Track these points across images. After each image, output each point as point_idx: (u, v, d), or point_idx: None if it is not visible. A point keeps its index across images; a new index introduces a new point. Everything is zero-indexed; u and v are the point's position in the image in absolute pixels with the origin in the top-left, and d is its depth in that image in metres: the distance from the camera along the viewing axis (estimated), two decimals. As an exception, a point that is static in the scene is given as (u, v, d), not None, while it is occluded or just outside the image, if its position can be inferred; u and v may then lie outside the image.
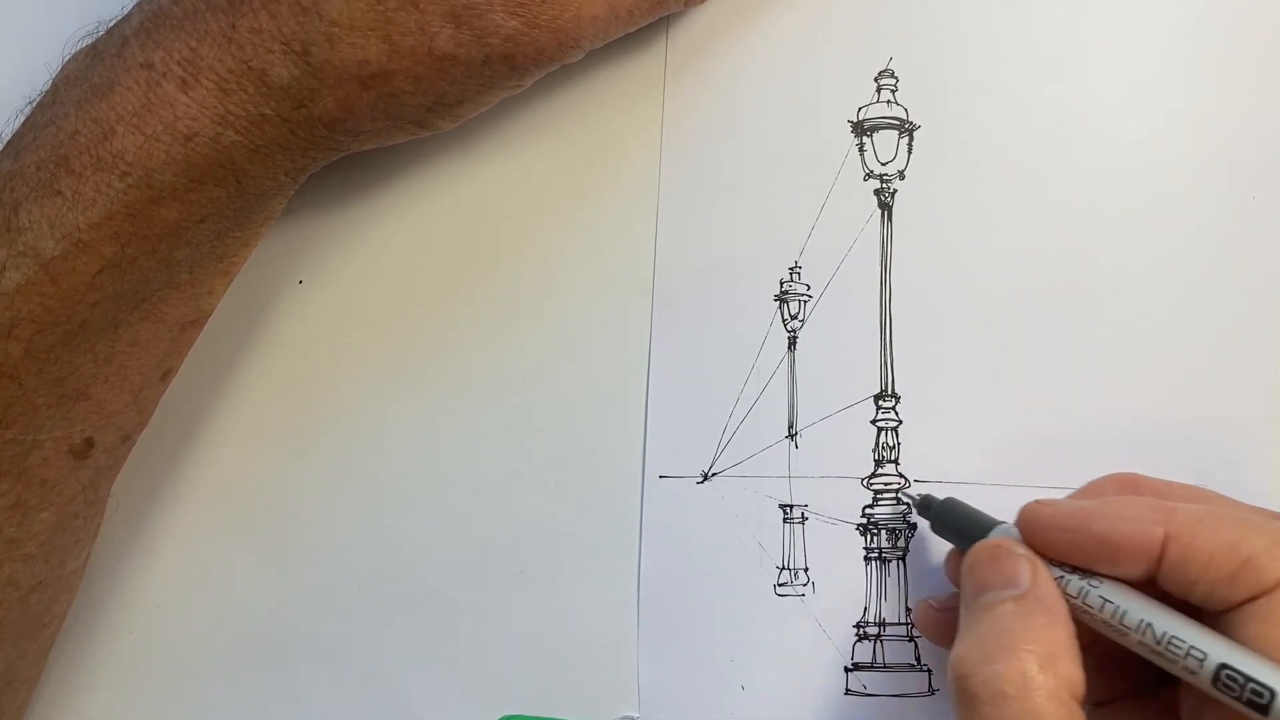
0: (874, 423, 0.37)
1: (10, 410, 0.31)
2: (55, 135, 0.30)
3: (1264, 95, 0.37)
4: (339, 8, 0.30)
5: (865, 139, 0.37)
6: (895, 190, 0.37)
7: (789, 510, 0.37)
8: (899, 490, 0.37)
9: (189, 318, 0.34)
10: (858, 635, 0.37)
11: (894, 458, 0.37)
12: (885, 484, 0.37)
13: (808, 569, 0.37)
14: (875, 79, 0.37)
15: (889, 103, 0.37)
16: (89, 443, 0.33)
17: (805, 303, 0.37)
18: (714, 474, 0.37)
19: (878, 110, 0.37)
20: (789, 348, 0.37)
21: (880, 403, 0.37)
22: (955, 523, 0.34)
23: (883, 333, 0.37)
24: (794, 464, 0.37)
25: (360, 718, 0.38)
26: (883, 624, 0.37)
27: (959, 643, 0.29)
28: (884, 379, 0.37)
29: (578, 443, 0.38)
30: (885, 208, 0.37)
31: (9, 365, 0.30)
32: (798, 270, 0.37)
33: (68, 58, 0.33)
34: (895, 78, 0.37)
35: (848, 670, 0.37)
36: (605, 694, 0.37)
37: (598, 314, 0.38)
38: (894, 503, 0.37)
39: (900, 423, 0.37)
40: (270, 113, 0.31)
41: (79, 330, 0.31)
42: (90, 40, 0.32)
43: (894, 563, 0.37)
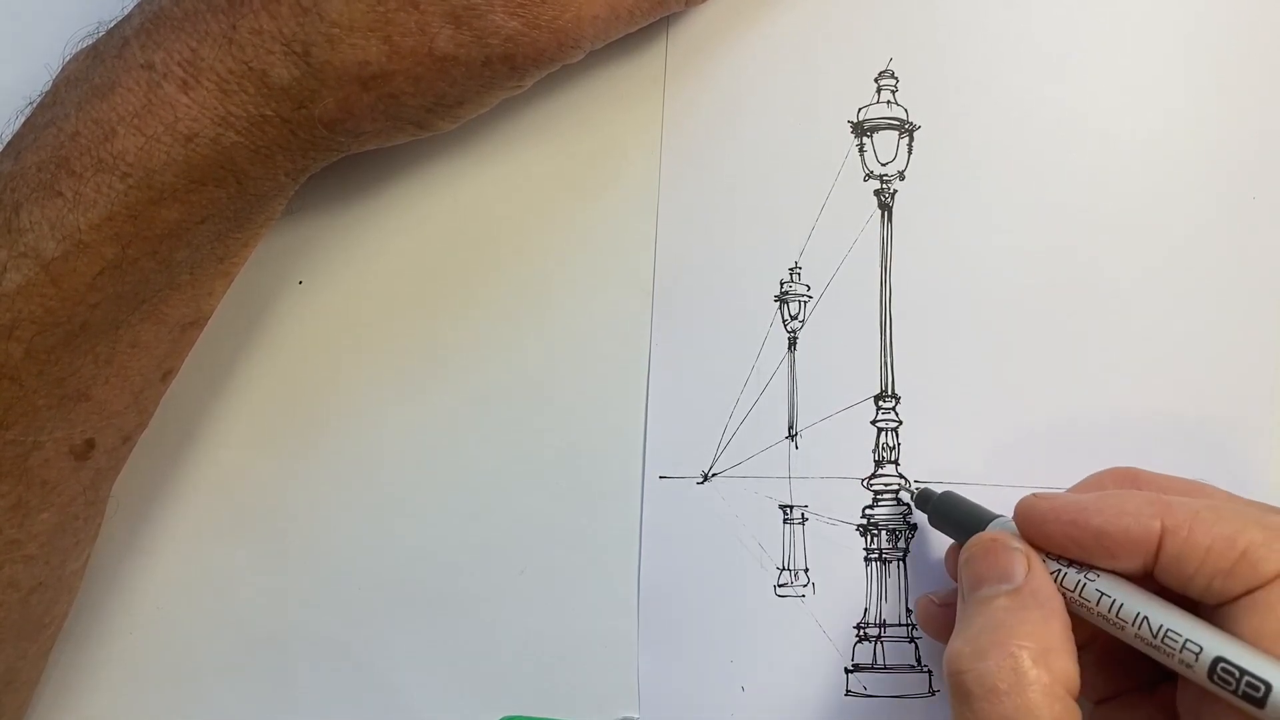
0: (874, 423, 0.37)
1: (11, 411, 0.31)
2: (56, 136, 0.30)
3: (1264, 95, 0.37)
4: (339, 9, 0.30)
5: (865, 139, 0.37)
6: (895, 191, 0.37)
7: (789, 511, 0.37)
8: (899, 489, 0.37)
9: (189, 318, 0.34)
10: (858, 636, 0.37)
11: (894, 458, 0.37)
12: (885, 485, 0.37)
13: (808, 570, 0.37)
14: (875, 79, 0.37)
15: (889, 103, 0.37)
16: (90, 444, 0.33)
17: (805, 303, 0.37)
18: (714, 474, 0.37)
19: (878, 111, 0.37)
20: (789, 348, 0.37)
21: (880, 403, 0.37)
22: (953, 516, 0.34)
23: (883, 333, 0.37)
24: (794, 464, 0.37)
25: (360, 718, 0.38)
26: (883, 625, 0.37)
27: (954, 638, 0.29)
28: (884, 379, 0.37)
29: (578, 443, 0.38)
30: (885, 208, 0.37)
31: (10, 366, 0.30)
32: (798, 270, 0.37)
33: (68, 58, 0.33)
34: (895, 78, 0.37)
35: (848, 671, 0.37)
36: (605, 694, 0.37)
37: (598, 314, 0.38)
38: (894, 503, 0.37)
39: (900, 423, 0.37)
40: (271, 114, 0.31)
41: (80, 331, 0.31)
42: (91, 41, 0.32)
43: (894, 564, 0.37)
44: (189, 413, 0.38)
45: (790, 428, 0.37)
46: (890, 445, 0.37)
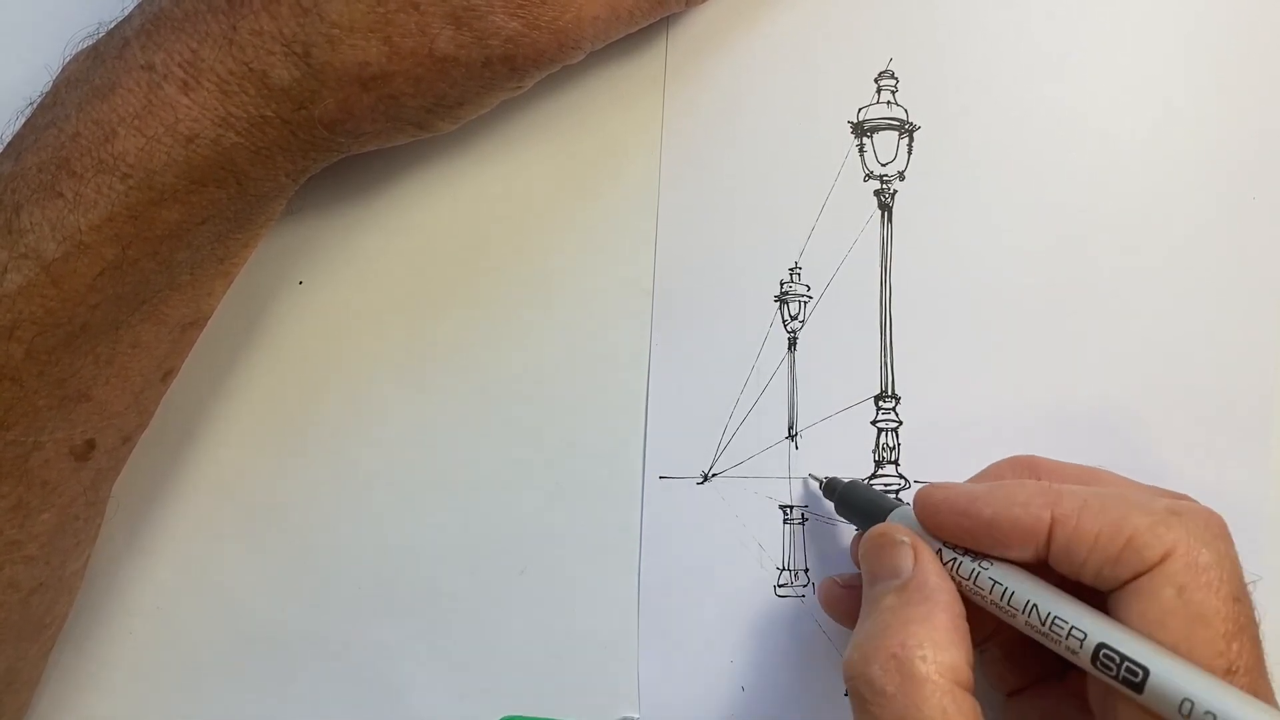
0: (874, 423, 0.37)
1: (11, 412, 0.31)
2: (56, 137, 0.30)
3: (1264, 95, 0.37)
4: (340, 9, 0.30)
5: (865, 139, 0.37)
6: (895, 191, 0.37)
7: (789, 511, 0.37)
8: (898, 490, 0.37)
9: (189, 319, 0.34)
10: (858, 635, 0.37)
11: (894, 458, 0.37)
12: (885, 485, 0.37)
13: (808, 570, 0.37)
14: (875, 80, 0.37)
15: (889, 103, 0.37)
16: (90, 444, 0.33)
17: (805, 303, 0.37)
18: (714, 475, 0.37)
19: (878, 111, 0.37)
20: (789, 348, 0.37)
21: (880, 403, 0.37)
22: (857, 506, 0.34)
23: (883, 333, 0.37)
24: (794, 465, 0.37)
25: (360, 718, 0.38)
26: (883, 624, 0.37)
27: (850, 643, 0.29)
28: (884, 380, 0.37)
29: (578, 443, 0.38)
30: (885, 208, 0.37)
31: (10, 367, 0.30)
32: (798, 271, 0.37)
33: (68, 59, 0.32)
34: (895, 78, 0.37)
35: (848, 670, 0.37)
36: (605, 694, 0.38)
37: (598, 314, 0.38)
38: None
39: (900, 423, 0.37)
40: (271, 114, 0.31)
41: (80, 332, 0.31)
42: (91, 42, 0.32)
43: (894, 563, 0.37)
44: (189, 413, 0.38)
45: (790, 428, 0.37)
46: (890, 445, 0.37)
